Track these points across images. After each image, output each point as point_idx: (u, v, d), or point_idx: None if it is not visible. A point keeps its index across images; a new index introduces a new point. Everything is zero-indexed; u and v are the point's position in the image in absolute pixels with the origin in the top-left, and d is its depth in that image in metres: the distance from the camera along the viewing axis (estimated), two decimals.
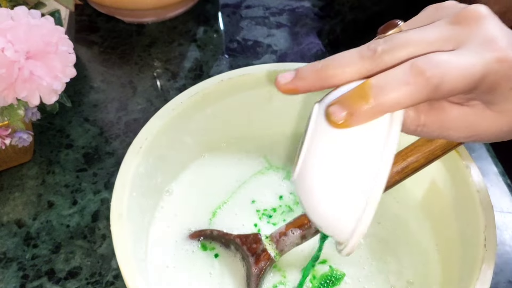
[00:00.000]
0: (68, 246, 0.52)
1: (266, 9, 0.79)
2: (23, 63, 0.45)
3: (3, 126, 0.51)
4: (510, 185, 0.58)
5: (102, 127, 0.63)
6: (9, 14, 0.46)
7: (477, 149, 0.61)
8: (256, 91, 0.53)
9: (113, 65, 0.70)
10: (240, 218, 0.50)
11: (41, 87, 0.47)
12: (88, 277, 0.50)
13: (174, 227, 0.49)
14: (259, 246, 0.45)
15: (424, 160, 0.43)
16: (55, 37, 0.47)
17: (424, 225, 0.50)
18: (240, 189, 0.52)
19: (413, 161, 0.43)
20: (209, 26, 0.76)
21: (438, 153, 0.43)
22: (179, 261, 0.47)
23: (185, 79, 0.68)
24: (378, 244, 0.49)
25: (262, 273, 0.44)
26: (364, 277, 0.46)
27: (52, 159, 0.59)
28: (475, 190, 0.44)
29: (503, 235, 0.54)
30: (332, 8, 0.80)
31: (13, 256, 0.51)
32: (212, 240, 0.48)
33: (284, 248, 0.45)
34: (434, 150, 0.43)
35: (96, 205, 0.55)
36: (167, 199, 0.51)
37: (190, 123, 0.51)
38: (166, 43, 0.73)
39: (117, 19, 0.76)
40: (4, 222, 0.54)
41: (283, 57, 0.72)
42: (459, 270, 0.43)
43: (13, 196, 0.56)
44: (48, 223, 0.54)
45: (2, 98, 0.47)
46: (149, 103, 0.65)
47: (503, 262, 0.52)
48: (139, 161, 0.45)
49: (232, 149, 0.55)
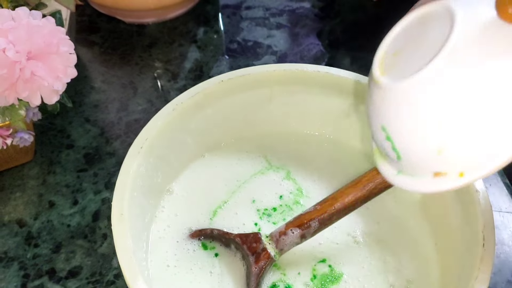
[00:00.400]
0: (69, 246, 0.52)
1: (266, 10, 0.80)
2: (24, 64, 0.45)
3: (4, 126, 0.51)
4: (509, 185, 0.58)
5: (103, 128, 0.63)
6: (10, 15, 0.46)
7: None
8: (256, 92, 0.53)
9: (113, 65, 0.71)
10: (241, 217, 0.50)
11: (42, 87, 0.47)
12: (89, 277, 0.50)
13: (174, 226, 0.49)
14: (259, 246, 0.45)
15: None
16: (56, 38, 0.47)
17: (423, 224, 0.50)
18: (240, 189, 0.53)
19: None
20: (209, 27, 0.76)
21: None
22: (180, 260, 0.47)
23: (185, 80, 0.69)
24: (377, 243, 0.49)
25: (262, 272, 0.44)
26: (363, 277, 0.46)
27: (53, 159, 0.59)
28: (474, 190, 0.44)
29: (502, 234, 0.54)
30: (332, 9, 0.80)
31: (14, 255, 0.51)
32: (213, 240, 0.48)
33: (284, 248, 0.45)
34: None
35: (96, 205, 0.55)
36: (167, 199, 0.51)
37: (190, 123, 0.51)
38: (167, 43, 0.73)
39: (118, 20, 0.76)
40: (5, 222, 0.54)
41: (283, 57, 0.72)
42: (458, 269, 0.43)
43: (14, 196, 0.56)
44: (49, 223, 0.54)
45: (4, 98, 0.47)
46: (150, 104, 0.65)
47: (502, 262, 0.52)
48: (140, 161, 0.45)
49: (232, 149, 0.56)
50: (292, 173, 0.54)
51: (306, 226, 0.44)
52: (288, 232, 0.45)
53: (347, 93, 0.53)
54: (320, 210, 0.44)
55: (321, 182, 0.53)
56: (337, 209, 0.44)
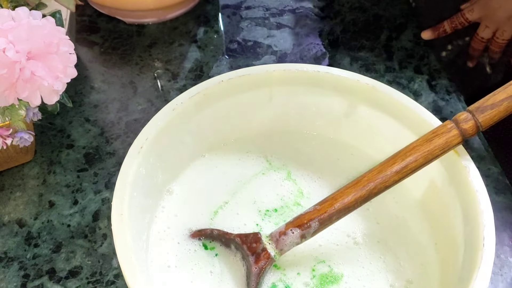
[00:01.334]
0: (69, 246, 0.52)
1: (266, 10, 0.80)
2: (24, 64, 0.45)
3: (5, 126, 0.51)
4: (508, 184, 0.58)
5: (103, 127, 0.63)
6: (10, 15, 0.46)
7: (476, 149, 0.61)
8: (256, 92, 0.53)
9: (113, 65, 0.71)
10: (242, 218, 0.50)
11: (42, 87, 0.47)
12: (89, 276, 0.50)
13: (174, 227, 0.49)
14: (259, 246, 0.45)
15: (423, 160, 0.44)
16: (56, 38, 0.47)
17: (423, 224, 0.50)
18: (241, 189, 0.53)
19: (412, 161, 0.44)
20: (209, 26, 0.76)
21: (437, 152, 0.44)
22: (180, 260, 0.47)
23: (185, 80, 0.69)
24: (377, 243, 0.49)
25: (262, 272, 0.44)
26: (364, 277, 0.47)
27: (53, 159, 0.59)
28: (474, 190, 0.44)
29: (501, 234, 0.54)
30: (332, 9, 0.80)
31: (14, 255, 0.51)
32: (213, 240, 0.48)
33: (284, 248, 0.45)
34: (432, 150, 0.43)
35: (96, 205, 0.55)
36: (168, 199, 0.51)
37: (190, 123, 0.51)
38: (167, 43, 0.74)
39: (118, 20, 0.76)
40: (5, 222, 0.54)
41: (283, 57, 0.72)
42: (458, 269, 0.43)
43: (14, 196, 0.56)
44: (49, 223, 0.54)
45: (4, 98, 0.47)
46: (150, 104, 0.65)
47: (502, 262, 0.52)
48: (140, 161, 0.45)
49: (233, 149, 0.56)
50: (293, 174, 0.54)
51: (306, 226, 0.44)
52: (288, 232, 0.45)
53: (347, 93, 0.53)
54: (320, 210, 0.44)
55: (322, 183, 0.53)
56: (337, 209, 0.44)
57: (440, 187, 0.49)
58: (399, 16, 0.77)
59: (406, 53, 0.72)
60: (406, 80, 0.69)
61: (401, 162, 0.44)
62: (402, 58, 0.72)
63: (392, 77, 0.69)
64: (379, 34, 0.75)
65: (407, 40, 0.74)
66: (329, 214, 0.44)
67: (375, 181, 0.44)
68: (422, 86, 0.68)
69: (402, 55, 0.72)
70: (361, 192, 0.44)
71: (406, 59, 0.72)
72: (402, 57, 0.72)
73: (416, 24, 0.76)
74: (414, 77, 0.69)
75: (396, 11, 0.78)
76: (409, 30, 0.75)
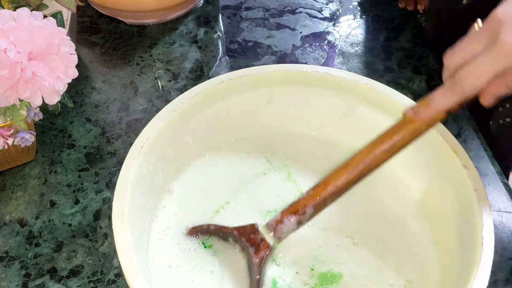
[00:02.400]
0: (70, 245, 0.52)
1: (266, 10, 0.80)
2: (26, 64, 0.45)
3: (6, 126, 0.51)
4: (507, 184, 0.58)
5: (104, 127, 0.63)
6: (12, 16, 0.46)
7: (474, 149, 0.61)
8: (256, 92, 0.53)
9: (114, 66, 0.71)
10: (244, 218, 0.50)
11: (43, 87, 0.47)
12: (90, 276, 0.50)
13: (175, 226, 0.49)
14: (257, 236, 0.45)
15: (409, 136, 0.43)
16: (57, 38, 0.47)
17: (423, 224, 0.50)
18: (242, 189, 0.53)
19: (399, 139, 0.43)
20: (209, 27, 0.77)
21: (423, 128, 0.43)
22: (180, 259, 0.47)
23: (186, 80, 0.69)
24: (377, 243, 0.49)
25: (263, 262, 0.44)
26: (363, 276, 0.47)
27: (54, 159, 0.60)
28: (472, 190, 0.44)
29: (500, 234, 0.54)
30: (332, 9, 0.80)
31: (15, 254, 0.51)
32: (210, 235, 0.48)
33: (282, 235, 0.45)
34: (419, 127, 0.43)
35: (97, 205, 0.55)
36: (168, 199, 0.51)
37: (191, 123, 0.51)
38: (167, 44, 0.74)
39: (119, 20, 0.77)
40: (6, 221, 0.54)
41: (283, 58, 0.72)
42: (457, 268, 0.43)
43: (16, 195, 0.56)
44: (50, 222, 0.54)
45: (5, 99, 0.47)
46: (150, 104, 0.66)
47: (501, 261, 0.52)
48: (140, 161, 0.45)
49: (233, 149, 0.56)
50: (293, 174, 0.54)
51: (302, 213, 0.44)
52: (284, 220, 0.45)
53: (346, 93, 0.53)
54: (314, 195, 0.44)
55: None
56: (330, 192, 0.44)
57: (439, 187, 0.49)
58: (399, 16, 0.78)
59: (405, 53, 0.73)
60: (405, 81, 0.69)
61: (389, 141, 0.43)
62: (401, 59, 0.72)
63: (391, 77, 0.69)
64: (379, 34, 0.75)
65: (406, 40, 0.74)
66: (323, 198, 0.44)
67: (365, 162, 0.44)
68: (421, 86, 0.68)
69: (401, 56, 0.72)
70: (353, 174, 0.44)
71: (405, 60, 0.72)
72: (401, 57, 0.72)
73: (415, 25, 0.76)
74: (413, 77, 0.69)
75: (395, 12, 0.78)
76: (408, 30, 0.76)
